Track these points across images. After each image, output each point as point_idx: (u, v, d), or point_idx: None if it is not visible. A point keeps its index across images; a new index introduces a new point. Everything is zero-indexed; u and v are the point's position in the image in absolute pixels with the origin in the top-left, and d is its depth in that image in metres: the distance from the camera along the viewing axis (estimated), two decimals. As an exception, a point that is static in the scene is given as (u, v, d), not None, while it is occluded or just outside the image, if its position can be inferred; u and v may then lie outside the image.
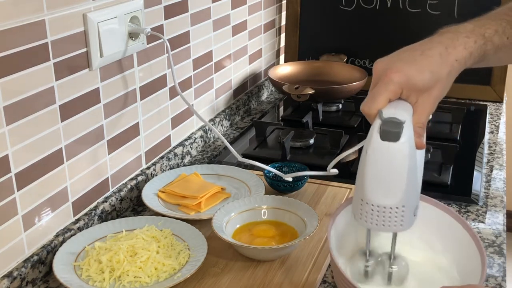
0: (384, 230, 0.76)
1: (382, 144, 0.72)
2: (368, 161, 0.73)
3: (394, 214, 0.74)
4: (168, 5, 1.20)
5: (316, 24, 1.83)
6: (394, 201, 0.74)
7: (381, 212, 0.75)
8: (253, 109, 1.70)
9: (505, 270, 0.95)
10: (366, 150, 0.74)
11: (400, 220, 0.75)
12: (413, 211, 0.76)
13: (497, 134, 1.48)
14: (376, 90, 0.74)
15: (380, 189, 0.74)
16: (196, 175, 1.18)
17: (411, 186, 0.74)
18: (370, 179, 0.74)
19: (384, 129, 0.71)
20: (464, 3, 1.67)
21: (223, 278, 0.90)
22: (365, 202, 0.75)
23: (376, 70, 0.77)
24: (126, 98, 1.11)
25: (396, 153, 0.72)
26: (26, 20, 0.85)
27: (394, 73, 0.73)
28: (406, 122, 0.72)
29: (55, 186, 0.95)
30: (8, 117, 0.84)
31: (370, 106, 0.74)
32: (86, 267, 0.89)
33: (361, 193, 0.76)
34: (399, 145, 0.71)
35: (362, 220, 0.77)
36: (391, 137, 0.71)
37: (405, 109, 0.74)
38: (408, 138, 0.72)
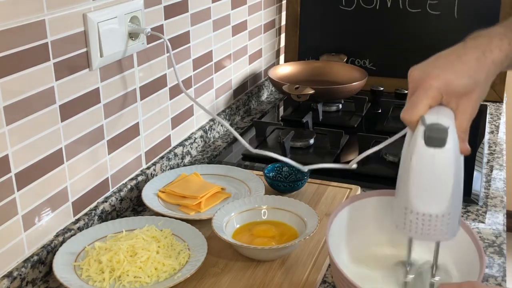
0: (428, 239, 0.74)
1: (428, 150, 0.70)
2: (412, 169, 0.71)
3: (440, 222, 0.72)
4: (168, 5, 1.20)
5: (316, 24, 1.83)
6: (440, 209, 0.71)
7: (427, 221, 0.72)
8: (253, 109, 1.70)
9: (505, 270, 0.95)
10: (411, 157, 0.71)
11: (446, 228, 0.73)
12: (458, 218, 0.75)
13: (497, 134, 1.48)
14: (416, 96, 0.74)
15: (425, 197, 0.71)
16: (196, 175, 1.18)
17: (456, 193, 0.72)
18: (415, 187, 0.72)
19: (429, 135, 0.70)
20: (464, 3, 1.67)
21: (223, 278, 0.90)
22: (410, 211, 0.73)
23: (412, 77, 0.76)
24: (126, 98, 1.11)
25: (442, 159, 0.70)
26: (26, 20, 0.85)
27: (432, 79, 0.73)
28: (450, 127, 0.70)
29: (55, 186, 0.95)
30: (8, 117, 0.84)
31: (411, 113, 0.73)
32: (86, 267, 0.89)
33: (405, 202, 0.73)
34: (445, 151, 0.70)
35: (406, 229, 0.74)
36: (437, 143, 0.70)
37: (447, 114, 0.72)
38: (453, 143, 0.70)
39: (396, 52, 1.75)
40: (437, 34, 1.69)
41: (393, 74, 1.74)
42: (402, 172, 0.74)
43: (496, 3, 1.64)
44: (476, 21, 1.65)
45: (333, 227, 0.84)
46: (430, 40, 1.69)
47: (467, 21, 1.67)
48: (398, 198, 0.76)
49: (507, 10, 1.63)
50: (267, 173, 1.16)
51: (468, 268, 0.78)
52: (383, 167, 1.24)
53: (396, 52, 1.75)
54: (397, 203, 0.76)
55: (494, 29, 0.78)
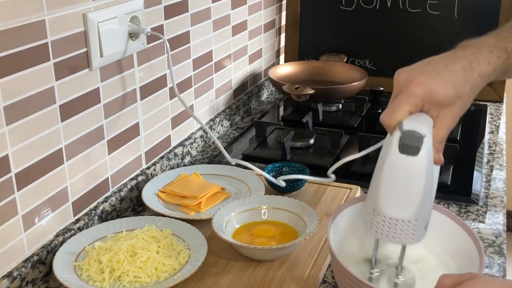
0: (394, 242, 0.75)
1: (400, 157, 0.70)
2: (384, 173, 0.72)
3: (406, 227, 0.73)
4: (168, 5, 1.20)
5: (316, 24, 1.83)
6: (408, 215, 0.72)
7: (393, 224, 0.73)
8: (253, 109, 1.70)
9: (505, 270, 0.95)
10: (383, 161, 0.72)
11: (412, 234, 0.73)
12: (425, 224, 0.75)
13: (497, 134, 1.48)
14: (397, 101, 0.73)
15: (394, 202, 0.72)
16: (196, 175, 1.18)
17: (426, 200, 0.73)
18: (385, 191, 0.72)
19: (404, 142, 0.70)
20: (464, 3, 1.67)
21: (223, 278, 0.90)
22: (377, 213, 0.74)
23: (397, 80, 0.75)
24: (126, 98, 1.11)
25: (414, 167, 0.70)
26: (26, 20, 0.85)
27: (416, 86, 0.72)
28: (427, 136, 0.71)
29: (55, 186, 0.95)
30: (8, 117, 0.84)
31: (390, 117, 0.73)
32: (86, 267, 0.89)
33: (374, 203, 0.74)
34: (417, 159, 0.70)
35: (373, 229, 0.75)
36: (411, 150, 0.70)
37: (426, 122, 0.72)
38: (427, 152, 0.70)
39: (396, 52, 1.75)
40: (437, 34, 1.69)
41: (393, 74, 1.72)
42: (375, 173, 0.75)
43: (496, 3, 1.64)
44: (476, 21, 1.65)
45: (333, 226, 0.84)
46: (430, 40, 1.69)
47: (467, 21, 1.67)
48: (368, 198, 0.77)
49: (507, 10, 1.63)
50: (267, 173, 1.16)
51: (468, 264, 0.79)
52: (383, 167, 1.24)
53: (396, 52, 1.75)
54: (367, 203, 0.77)
55: (485, 39, 0.77)
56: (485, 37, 0.78)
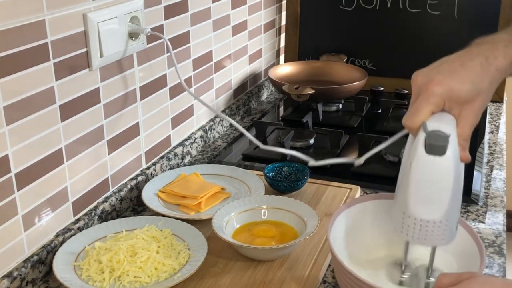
0: (425, 244, 0.75)
1: (427, 157, 0.70)
2: (412, 175, 0.72)
3: (437, 228, 0.73)
4: (168, 5, 1.20)
5: (316, 24, 1.83)
6: (438, 216, 0.72)
7: (424, 226, 0.73)
8: (253, 109, 1.70)
9: (505, 270, 0.95)
10: (410, 163, 0.72)
11: (443, 234, 0.73)
12: (455, 225, 0.75)
13: (497, 134, 1.48)
14: (418, 103, 0.73)
15: (423, 203, 0.72)
16: (196, 175, 1.18)
17: (454, 200, 0.72)
18: (414, 193, 0.72)
19: (430, 143, 0.70)
20: (464, 3, 1.66)
21: (223, 278, 0.90)
22: (407, 216, 0.73)
23: (415, 82, 0.76)
24: (126, 98, 1.11)
25: (442, 167, 0.70)
26: (26, 20, 0.85)
27: (435, 85, 0.72)
28: (452, 135, 0.70)
29: (55, 186, 0.95)
30: (8, 117, 0.84)
31: (413, 120, 0.73)
32: (86, 267, 0.89)
33: (403, 207, 0.74)
34: (445, 159, 0.70)
35: (404, 233, 0.75)
36: (437, 150, 0.69)
37: (449, 121, 0.72)
38: (453, 151, 0.70)
39: (396, 52, 1.75)
40: (437, 34, 1.69)
41: (393, 74, 1.74)
42: (401, 176, 0.74)
43: (496, 3, 1.64)
44: (476, 21, 1.65)
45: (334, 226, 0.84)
46: (430, 40, 1.69)
47: (467, 21, 1.67)
48: (397, 202, 0.76)
49: (507, 10, 1.63)
50: (267, 173, 1.16)
51: (469, 263, 0.79)
52: (383, 167, 1.24)
53: (396, 52, 1.75)
54: (396, 206, 0.76)
55: (499, 35, 0.78)
56: (499, 34, 0.78)
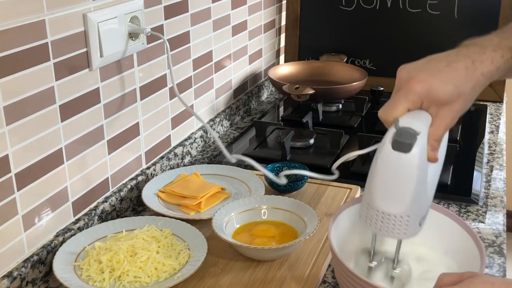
0: (387, 236, 0.76)
1: (393, 153, 0.71)
2: (377, 169, 0.73)
3: (398, 222, 0.74)
4: (168, 5, 1.20)
5: (316, 24, 1.83)
6: (399, 210, 0.73)
7: (386, 219, 0.74)
8: (253, 109, 1.70)
9: (505, 270, 0.95)
10: (377, 157, 0.73)
11: (404, 229, 0.74)
12: (419, 221, 0.76)
13: (497, 134, 1.48)
14: (396, 98, 0.74)
15: (386, 197, 0.73)
16: (196, 175, 1.18)
17: (418, 197, 0.73)
18: (378, 186, 0.74)
19: (396, 139, 0.71)
20: (464, 3, 1.66)
21: (223, 278, 0.90)
22: (371, 207, 0.75)
23: (399, 77, 0.76)
24: (126, 98, 1.11)
25: (406, 164, 0.71)
26: (26, 20, 0.85)
27: (416, 83, 0.72)
28: (421, 133, 0.71)
29: (55, 186, 0.95)
30: (8, 117, 0.84)
31: (387, 113, 0.73)
32: (86, 267, 0.89)
33: (368, 198, 0.76)
34: (409, 156, 0.70)
35: (367, 223, 0.77)
36: (403, 148, 0.70)
37: (423, 120, 0.73)
38: (420, 150, 0.71)
39: (396, 52, 1.75)
40: (437, 34, 1.69)
41: (393, 74, 1.70)
42: (370, 168, 0.75)
43: (496, 3, 1.64)
44: (476, 21, 1.65)
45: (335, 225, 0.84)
46: (430, 40, 1.69)
47: (467, 21, 1.67)
48: (364, 192, 0.78)
49: (507, 10, 1.63)
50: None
51: (469, 264, 0.80)
52: (383, 167, 1.24)
53: (396, 52, 1.75)
54: (364, 196, 0.78)
55: (489, 38, 0.77)
56: (489, 36, 0.77)
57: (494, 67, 0.74)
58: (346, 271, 0.75)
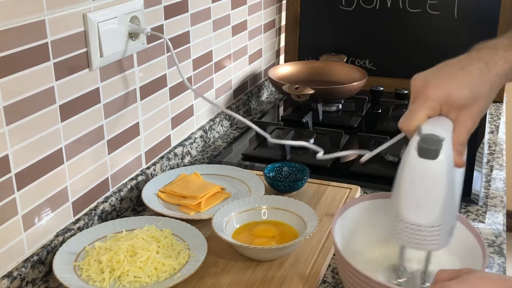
0: (417, 248, 0.75)
1: (420, 161, 0.70)
2: (404, 178, 0.71)
3: (429, 233, 0.72)
4: (168, 5, 1.20)
5: (316, 24, 1.83)
6: (430, 220, 0.71)
7: (416, 230, 0.73)
8: (253, 109, 1.70)
9: (505, 270, 0.95)
10: (403, 167, 0.72)
11: (436, 240, 0.73)
12: (450, 230, 0.74)
13: (497, 134, 1.48)
14: (414, 106, 0.74)
15: (415, 207, 0.72)
16: (196, 175, 1.18)
17: (448, 205, 0.72)
18: (406, 196, 0.72)
19: (422, 146, 0.69)
20: (464, 3, 1.66)
21: (223, 278, 0.90)
22: (399, 219, 0.73)
23: (414, 85, 0.75)
24: (126, 98, 1.11)
25: (434, 171, 0.69)
26: (26, 20, 0.85)
27: (432, 89, 0.72)
28: (446, 139, 0.70)
29: (55, 186, 0.95)
30: (8, 117, 0.84)
31: (408, 123, 0.73)
32: (86, 267, 0.89)
33: (396, 210, 0.74)
34: (437, 163, 0.69)
35: (396, 236, 0.75)
36: (429, 154, 0.69)
37: (445, 126, 0.72)
38: (446, 156, 0.70)
39: (396, 52, 1.75)
40: (437, 34, 1.69)
41: (393, 74, 1.74)
42: (396, 179, 0.74)
43: (496, 3, 1.64)
44: (476, 21, 1.65)
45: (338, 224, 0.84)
46: (430, 40, 1.69)
47: (467, 21, 1.66)
48: (391, 205, 0.76)
49: (507, 10, 1.63)
50: (267, 173, 1.16)
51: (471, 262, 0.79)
52: (383, 167, 1.24)
53: (396, 52, 1.75)
54: (390, 209, 0.76)
55: (499, 41, 0.77)
56: (499, 39, 0.78)
57: (508, 66, 0.75)
58: (350, 268, 0.75)
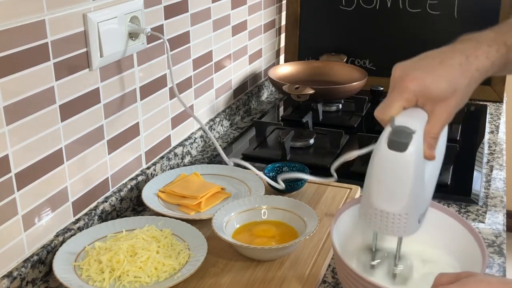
0: (386, 233, 0.77)
1: (389, 152, 0.71)
2: (373, 168, 0.74)
3: (397, 220, 0.74)
4: (168, 5, 1.20)
5: (316, 24, 1.83)
6: (397, 209, 0.74)
7: (384, 217, 0.75)
8: (253, 109, 1.70)
9: (505, 270, 0.95)
10: (373, 157, 0.74)
11: (403, 227, 0.75)
12: (418, 218, 0.76)
13: (497, 134, 1.48)
14: (390, 96, 0.74)
15: (384, 195, 0.74)
16: (196, 175, 1.18)
17: (416, 195, 0.74)
18: (375, 185, 0.74)
19: (392, 139, 0.71)
20: (464, 3, 1.66)
21: (223, 278, 0.90)
22: (370, 206, 0.76)
23: (394, 75, 0.76)
24: (126, 98, 1.11)
25: (402, 163, 0.71)
26: (26, 20, 0.85)
27: (410, 81, 0.72)
28: (417, 131, 0.71)
29: (55, 186, 0.95)
30: (8, 117, 0.84)
31: (383, 112, 0.74)
32: (86, 267, 0.89)
33: (367, 197, 0.76)
34: (405, 155, 0.71)
35: (367, 221, 0.77)
36: (398, 147, 0.71)
37: (419, 118, 0.73)
38: (416, 148, 0.71)
39: (396, 52, 1.75)
40: (437, 34, 1.69)
41: (393, 74, 1.74)
42: (368, 167, 0.76)
43: (496, 3, 1.64)
44: (476, 21, 1.65)
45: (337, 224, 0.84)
46: (430, 40, 1.68)
47: (467, 21, 1.67)
48: (363, 191, 0.78)
49: (507, 10, 1.63)
50: (267, 173, 1.16)
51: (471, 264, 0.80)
52: (383, 167, 1.24)
53: (396, 52, 1.75)
54: (363, 195, 0.78)
55: (485, 34, 0.77)
56: (485, 32, 0.77)
57: (489, 62, 0.74)
58: (348, 270, 0.75)
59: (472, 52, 0.74)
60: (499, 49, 0.75)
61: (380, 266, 0.84)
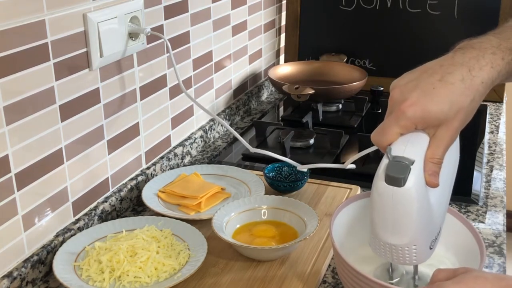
0: (398, 263, 0.75)
1: (387, 188, 0.68)
2: (374, 202, 0.70)
3: (406, 251, 0.72)
4: (168, 5, 1.20)
5: (316, 24, 1.83)
6: (404, 241, 0.71)
7: (393, 249, 0.72)
8: (253, 109, 1.70)
9: (505, 270, 0.95)
10: (373, 191, 0.70)
11: (414, 256, 0.72)
12: (429, 245, 0.74)
13: (497, 134, 1.48)
14: (387, 122, 0.69)
15: (388, 229, 0.71)
16: (196, 175, 1.18)
17: (422, 226, 0.70)
18: (378, 219, 0.71)
19: (388, 174, 0.67)
20: (464, 3, 1.67)
21: (223, 278, 0.90)
22: (375, 237, 0.73)
23: (391, 97, 0.70)
24: (126, 98, 1.11)
25: (402, 198, 0.67)
26: (26, 20, 0.85)
27: (408, 107, 0.67)
28: (416, 161, 0.67)
29: (55, 186, 0.95)
30: (8, 117, 0.84)
31: (380, 139, 0.69)
32: (86, 267, 0.89)
33: (373, 229, 0.73)
34: (404, 190, 0.67)
35: (376, 252, 0.75)
36: (396, 182, 0.67)
37: (419, 144, 0.68)
38: (415, 179, 0.67)
39: (396, 52, 1.75)
40: (437, 34, 1.69)
41: (393, 74, 1.71)
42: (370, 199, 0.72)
43: (496, 3, 1.64)
44: (476, 21, 1.65)
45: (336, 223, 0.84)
46: (430, 40, 1.69)
47: (467, 21, 1.67)
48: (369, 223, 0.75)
49: (507, 10, 1.63)
50: (267, 173, 1.16)
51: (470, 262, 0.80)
52: (383, 167, 1.24)
53: (396, 52, 1.75)
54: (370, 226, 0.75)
55: (487, 40, 0.71)
56: (487, 37, 0.72)
57: (494, 72, 0.68)
58: (348, 267, 0.75)
59: (475, 63, 0.68)
60: (505, 57, 0.69)
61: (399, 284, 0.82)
